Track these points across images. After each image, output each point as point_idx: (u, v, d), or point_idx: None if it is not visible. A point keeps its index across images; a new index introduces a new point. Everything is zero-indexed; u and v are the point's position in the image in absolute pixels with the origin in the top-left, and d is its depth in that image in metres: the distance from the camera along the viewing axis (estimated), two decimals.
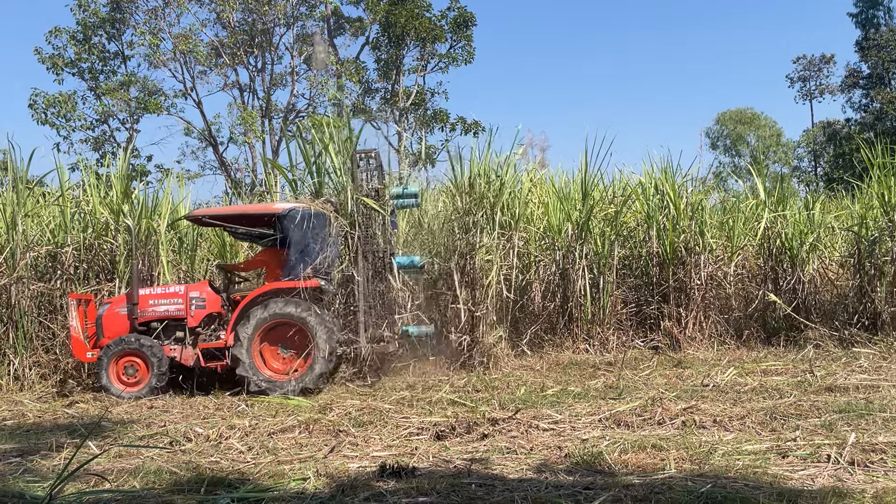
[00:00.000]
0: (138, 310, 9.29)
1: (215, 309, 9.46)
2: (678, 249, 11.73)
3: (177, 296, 9.38)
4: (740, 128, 58.40)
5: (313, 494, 4.41)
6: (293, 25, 35.25)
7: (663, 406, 6.71)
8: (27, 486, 4.68)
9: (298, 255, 9.33)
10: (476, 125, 37.41)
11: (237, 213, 10.12)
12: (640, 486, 4.40)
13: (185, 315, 9.32)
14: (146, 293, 9.45)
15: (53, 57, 31.97)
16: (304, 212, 9.37)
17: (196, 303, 9.35)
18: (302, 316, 8.93)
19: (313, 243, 9.42)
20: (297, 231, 9.31)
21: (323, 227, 9.51)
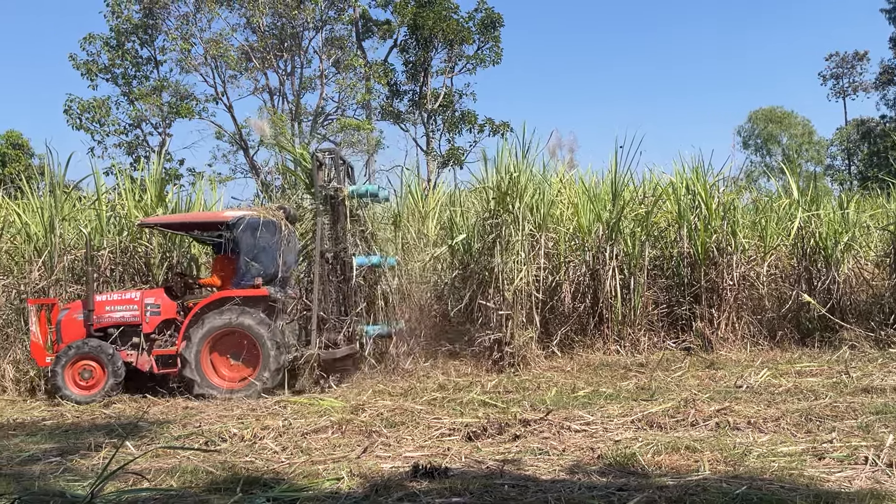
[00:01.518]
0: (94, 316, 9.41)
1: (170, 315, 9.54)
2: (710, 249, 11.62)
3: (132, 302, 9.50)
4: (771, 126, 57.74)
5: (347, 494, 4.45)
6: (322, 29, 35.47)
7: (696, 407, 6.67)
8: (68, 485, 4.77)
9: (248, 262, 9.40)
10: (504, 126, 37.40)
11: (188, 220, 10.28)
12: (675, 488, 4.38)
13: (140, 321, 9.43)
14: (103, 299, 9.57)
15: (88, 63, 32.50)
16: (253, 220, 9.43)
17: (151, 309, 9.46)
18: (249, 325, 9.04)
19: (263, 251, 9.47)
20: (246, 239, 9.39)
21: (273, 235, 9.54)
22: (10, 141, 33.27)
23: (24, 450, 6.09)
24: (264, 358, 8.98)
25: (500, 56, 38.11)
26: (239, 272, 9.45)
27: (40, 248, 11.27)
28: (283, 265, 9.58)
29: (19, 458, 5.76)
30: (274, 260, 9.51)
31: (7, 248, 12.06)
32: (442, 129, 39.12)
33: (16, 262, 11.73)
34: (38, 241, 11.31)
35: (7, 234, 11.81)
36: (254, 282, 9.30)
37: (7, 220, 12.06)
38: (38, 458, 5.73)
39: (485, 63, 38.24)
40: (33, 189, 12.70)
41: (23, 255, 11.70)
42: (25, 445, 6.32)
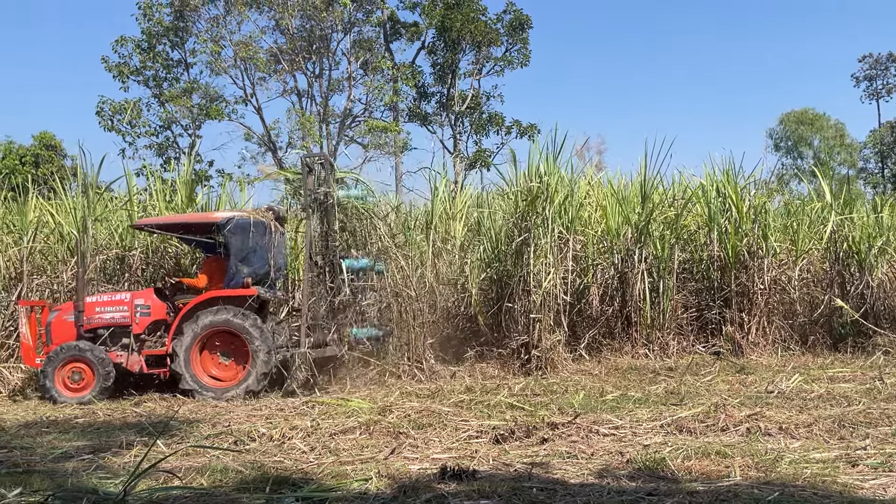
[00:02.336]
0: (84, 317, 9.48)
1: (160, 316, 9.60)
2: (741, 253, 11.52)
3: (122, 303, 9.58)
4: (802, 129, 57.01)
5: (376, 495, 4.46)
6: (350, 31, 35.64)
7: (727, 412, 6.59)
8: (100, 483, 4.83)
9: (238, 263, 9.45)
10: (532, 128, 37.32)
11: (179, 221, 10.35)
12: (705, 493, 4.33)
13: (130, 322, 9.50)
14: (93, 300, 9.65)
15: (119, 65, 32.91)
16: (243, 221, 9.48)
17: (141, 310, 9.53)
18: (239, 324, 9.09)
19: (253, 252, 9.53)
20: (235, 240, 9.43)
21: (263, 236, 9.60)
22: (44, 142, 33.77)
23: (58, 447, 6.18)
24: (254, 357, 9.06)
25: (528, 58, 38.06)
26: (229, 272, 9.52)
27: (73, 248, 11.43)
28: (272, 266, 9.66)
29: (52, 455, 5.84)
30: (263, 260, 9.60)
31: (41, 248, 12.25)
32: (469, 131, 39.12)
33: (49, 261, 11.92)
34: (71, 241, 11.47)
35: (41, 234, 11.98)
36: (244, 282, 9.38)
37: (41, 220, 12.24)
38: (70, 456, 5.81)
39: (513, 65, 38.21)
40: (66, 189, 12.89)
41: (56, 254, 11.89)
42: (58, 443, 6.41)
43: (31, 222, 12.07)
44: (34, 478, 4.94)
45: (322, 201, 9.86)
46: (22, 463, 5.57)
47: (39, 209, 12.86)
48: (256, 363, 9.04)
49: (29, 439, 6.59)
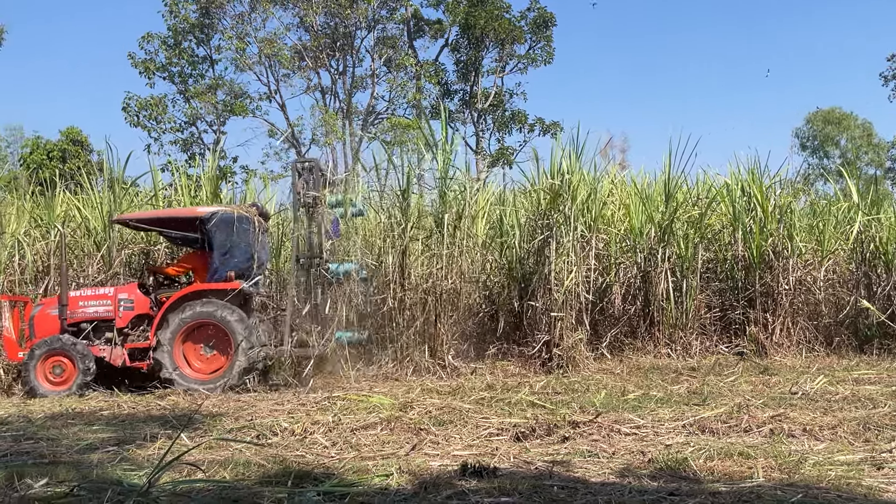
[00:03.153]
0: (68, 311, 9.54)
1: (143, 310, 9.68)
2: (765, 253, 11.42)
3: (105, 297, 9.66)
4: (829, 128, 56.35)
5: (397, 491, 4.47)
6: (374, 28, 35.74)
7: (750, 413, 6.54)
8: (125, 474, 4.88)
9: (221, 257, 9.51)
10: (555, 126, 37.25)
11: (163, 216, 10.43)
12: (728, 494, 4.30)
13: (113, 316, 9.56)
14: (76, 295, 9.72)
15: (146, 61, 33.22)
16: (227, 215, 9.54)
17: (124, 304, 9.60)
18: (221, 316, 9.15)
19: (236, 247, 9.57)
20: (219, 234, 9.50)
21: (246, 231, 9.63)
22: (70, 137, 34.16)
23: (83, 438, 6.24)
24: (236, 351, 9.13)
25: (551, 55, 37.97)
26: (212, 266, 9.60)
27: (99, 243, 11.56)
28: (255, 261, 9.73)
29: (78, 447, 5.90)
30: (247, 255, 9.66)
31: (67, 242, 12.40)
32: (492, 129, 39.09)
33: (75, 255, 12.06)
34: (97, 236, 11.60)
35: (67, 228, 12.13)
36: (227, 276, 9.44)
37: (68, 215, 12.39)
38: (96, 448, 5.87)
39: (536, 62, 38.13)
40: (92, 184, 13.04)
41: (82, 248, 12.03)
42: (84, 434, 6.48)
43: (58, 216, 12.24)
44: (60, 469, 5.00)
45: (310, 205, 9.95)
46: (48, 454, 5.63)
47: (66, 203, 13.03)
48: (238, 356, 9.12)
49: (55, 431, 6.67)
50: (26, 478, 4.66)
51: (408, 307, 10.30)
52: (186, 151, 34.56)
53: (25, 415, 7.69)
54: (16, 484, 4.54)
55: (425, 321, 10.21)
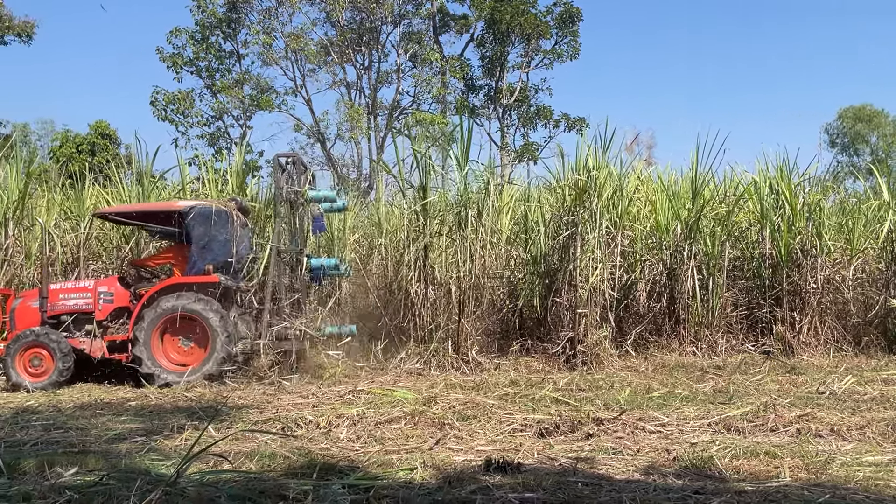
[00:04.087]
0: (48, 303, 9.63)
1: (123, 303, 9.77)
2: (793, 251, 11.31)
3: (85, 290, 9.73)
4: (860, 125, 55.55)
5: (421, 485, 4.48)
6: (400, 23, 35.76)
7: (776, 412, 6.49)
8: (152, 464, 4.94)
9: (200, 251, 9.58)
10: (580, 121, 37.05)
11: (142, 210, 10.48)
12: (753, 494, 4.27)
13: (93, 309, 9.64)
14: (57, 287, 9.81)
15: (174, 56, 33.49)
16: (205, 209, 9.60)
17: (104, 297, 9.69)
18: (198, 309, 9.21)
19: (214, 240, 9.63)
20: (197, 228, 9.56)
21: (224, 225, 9.69)
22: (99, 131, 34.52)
23: (111, 429, 6.33)
24: (213, 343, 9.20)
25: (577, 51, 37.75)
26: (191, 260, 9.67)
27: (128, 235, 11.68)
28: (234, 255, 9.79)
29: (106, 437, 5.98)
30: (226, 249, 9.72)
31: (97, 234, 12.57)
32: (517, 124, 38.98)
33: (104, 247, 12.20)
34: (126, 228, 11.72)
35: (97, 221, 12.26)
36: (205, 269, 9.52)
37: (97, 207, 12.53)
38: (124, 438, 5.94)
39: (562, 58, 37.92)
40: (121, 177, 13.19)
41: (111, 241, 12.16)
42: (112, 424, 6.56)
43: (87, 209, 12.38)
44: (89, 458, 5.06)
45: (292, 200, 10.02)
46: (77, 443, 5.71)
47: (96, 196, 13.19)
48: (216, 348, 9.19)
49: (84, 420, 6.76)
50: (56, 466, 4.73)
51: (431, 302, 10.32)
52: (213, 146, 34.81)
53: (55, 404, 7.81)
54: (46, 472, 4.62)
55: (448, 317, 10.22)
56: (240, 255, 9.92)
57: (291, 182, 10.06)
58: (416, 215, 10.67)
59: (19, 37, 31.07)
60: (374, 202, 14.06)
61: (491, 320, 11.05)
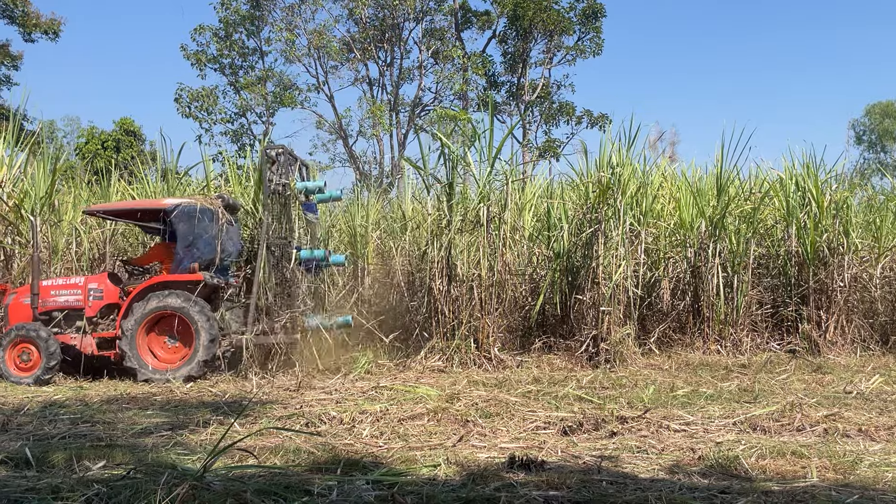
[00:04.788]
0: (39, 300, 9.70)
1: (113, 300, 9.82)
2: (820, 249, 11.18)
3: (76, 287, 9.81)
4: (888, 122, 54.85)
5: (445, 481, 4.49)
6: (422, 20, 35.76)
7: (803, 412, 6.43)
8: (179, 459, 4.99)
9: (185, 249, 9.62)
10: (603, 118, 36.88)
11: (129, 208, 10.53)
12: (780, 494, 4.24)
13: (83, 305, 9.71)
14: (48, 284, 9.89)
15: (197, 53, 33.73)
16: (190, 207, 9.62)
17: (94, 294, 9.75)
18: (183, 308, 9.26)
19: (200, 238, 9.65)
20: (183, 226, 9.59)
21: (210, 223, 9.71)
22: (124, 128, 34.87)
23: (138, 423, 6.39)
24: (197, 341, 9.26)
25: (600, 47, 37.54)
26: (176, 257, 9.72)
27: None
28: (221, 252, 9.82)
29: (133, 431, 6.04)
30: (211, 247, 9.75)
31: (122, 230, 12.69)
32: (539, 121, 38.85)
33: (130, 243, 12.31)
34: None
35: None
36: (190, 267, 9.57)
37: None
38: (150, 432, 6.00)
39: (585, 54, 37.73)
40: (146, 174, 13.30)
41: (137, 237, 12.26)
42: (138, 419, 6.62)
43: None
44: (116, 452, 5.12)
45: (280, 192, 10.05)
46: (105, 437, 5.78)
47: (121, 193, 13.32)
48: (200, 347, 9.26)
49: (111, 415, 6.83)
50: (84, 460, 4.80)
51: (453, 299, 10.32)
52: (237, 142, 35.05)
53: (82, 398, 7.90)
54: (74, 465, 4.68)
55: (471, 313, 10.22)
56: (227, 252, 9.99)
57: (281, 174, 10.11)
58: (440, 212, 10.66)
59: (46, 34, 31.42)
60: (398, 198, 14.09)
61: (513, 317, 11.02)
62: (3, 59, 30.90)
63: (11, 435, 5.87)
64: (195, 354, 9.27)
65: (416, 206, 12.46)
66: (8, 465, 4.73)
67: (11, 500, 3.90)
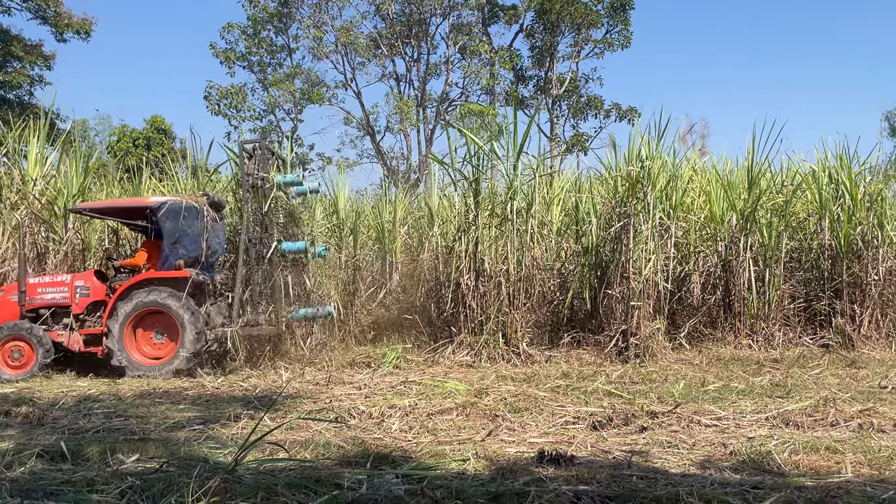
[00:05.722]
0: (27, 297, 9.80)
1: (99, 297, 9.92)
2: (853, 242, 11.01)
3: (63, 284, 9.91)
4: None
5: (474, 476, 4.48)
6: (449, 15, 35.73)
7: (836, 407, 6.33)
8: (210, 452, 5.03)
9: (171, 246, 9.71)
10: (631, 111, 36.65)
11: (115, 206, 10.60)
12: (814, 489, 4.18)
13: (70, 302, 9.81)
14: (35, 282, 9.98)
15: (226, 51, 34.00)
16: (175, 205, 9.71)
17: (81, 291, 9.86)
18: (168, 304, 9.35)
19: (185, 235, 9.74)
20: (168, 224, 9.68)
21: (195, 220, 9.78)
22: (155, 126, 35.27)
23: (170, 417, 6.46)
24: (183, 337, 9.35)
25: (629, 39, 37.30)
26: (162, 255, 9.81)
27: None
28: (207, 249, 9.89)
29: (165, 425, 6.11)
30: (196, 244, 9.83)
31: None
32: (567, 115, 38.66)
33: None
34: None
35: None
36: (176, 264, 9.64)
37: None
38: (182, 426, 6.07)
39: (613, 47, 37.48)
40: (176, 171, 13.44)
41: None
42: (171, 413, 6.70)
43: None
44: (149, 445, 5.18)
45: (259, 186, 10.10)
46: (138, 431, 5.85)
47: (152, 190, 13.47)
48: (185, 343, 9.36)
49: (144, 409, 6.92)
50: (118, 453, 4.86)
51: (481, 294, 10.31)
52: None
53: (115, 393, 8.01)
54: (108, 459, 4.74)
55: (499, 308, 10.20)
56: (212, 249, 10.10)
57: (259, 168, 10.18)
58: (468, 206, 10.65)
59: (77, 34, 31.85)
60: (425, 194, 14.10)
61: (541, 312, 10.99)
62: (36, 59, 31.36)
63: (47, 429, 5.97)
64: (179, 352, 9.39)
65: (444, 202, 12.46)
66: (44, 458, 4.81)
67: (48, 492, 3.96)
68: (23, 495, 3.86)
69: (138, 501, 3.78)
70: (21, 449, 4.95)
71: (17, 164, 12.06)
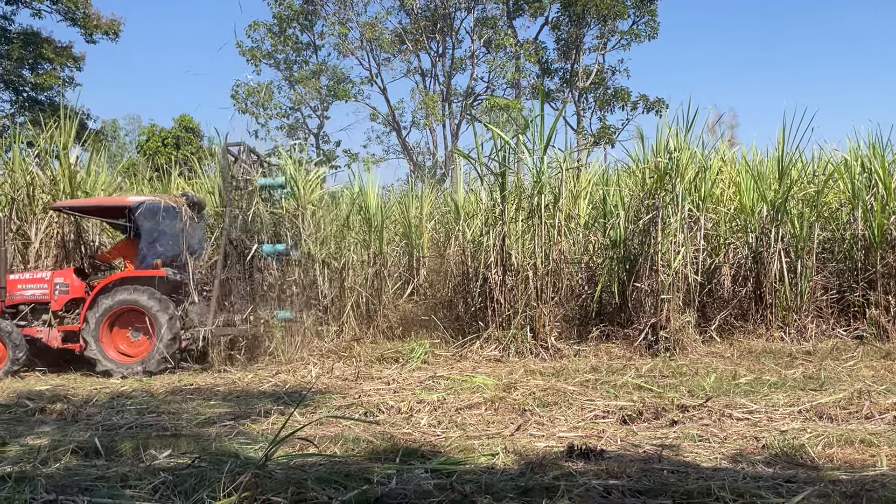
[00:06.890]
0: (6, 294, 9.90)
1: (78, 294, 10.00)
2: (887, 232, 10.82)
3: (42, 281, 10.02)
4: None
5: (503, 470, 4.48)
6: (474, 9, 35.63)
7: (871, 399, 6.23)
8: (241, 448, 5.08)
9: (148, 245, 9.78)
10: (659, 103, 36.27)
11: (95, 204, 10.69)
12: (849, 483, 4.11)
13: (49, 299, 9.92)
14: (15, 278, 10.08)
15: (252, 49, 34.22)
16: (153, 205, 9.79)
17: (60, 288, 9.96)
18: (145, 303, 9.42)
19: (163, 235, 9.80)
20: (146, 223, 9.76)
21: (174, 220, 9.84)
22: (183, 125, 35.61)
23: (201, 413, 6.53)
24: (158, 334, 9.43)
25: (656, 30, 36.89)
26: (140, 254, 9.89)
27: (211, 226, 11.99)
28: (185, 249, 9.95)
29: (197, 421, 6.18)
30: (174, 243, 9.91)
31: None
32: (593, 108, 38.40)
33: None
34: (211, 219, 12.04)
35: None
36: (153, 263, 9.72)
37: None
38: (213, 422, 6.13)
39: (640, 38, 37.12)
40: (205, 170, 13.55)
41: None
42: (202, 409, 6.78)
43: None
44: (181, 441, 5.24)
45: (242, 188, 10.16)
46: (170, 427, 5.93)
47: (182, 188, 13.60)
48: (161, 341, 9.43)
49: (175, 405, 7.00)
50: (151, 449, 4.92)
51: (509, 288, 10.29)
52: (292, 136, 35.47)
53: (147, 389, 8.11)
54: (141, 454, 4.80)
55: (527, 303, 10.17)
56: (192, 248, 10.18)
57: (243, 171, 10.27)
58: (495, 201, 10.62)
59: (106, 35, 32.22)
60: (451, 188, 14.09)
61: (570, 306, 10.94)
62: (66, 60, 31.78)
63: (81, 425, 6.06)
64: (157, 347, 9.49)
65: (470, 197, 12.44)
66: (78, 454, 4.88)
67: (82, 488, 4.02)
68: (58, 491, 3.92)
69: (171, 497, 3.82)
70: (56, 445, 5.03)
71: (49, 164, 12.23)
